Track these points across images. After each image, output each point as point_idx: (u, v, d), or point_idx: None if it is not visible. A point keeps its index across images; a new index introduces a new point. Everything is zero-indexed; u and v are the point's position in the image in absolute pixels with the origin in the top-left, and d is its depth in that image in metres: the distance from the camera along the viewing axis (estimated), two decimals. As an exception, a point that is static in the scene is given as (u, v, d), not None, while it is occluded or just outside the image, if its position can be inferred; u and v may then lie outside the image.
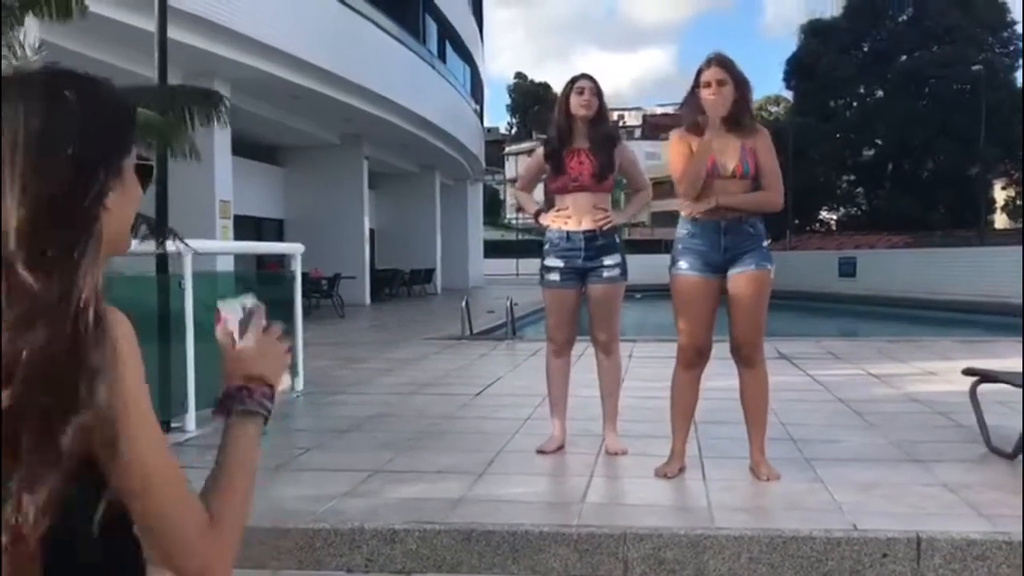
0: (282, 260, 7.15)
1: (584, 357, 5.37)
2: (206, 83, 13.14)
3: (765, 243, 4.15)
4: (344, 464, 4.55)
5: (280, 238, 19.37)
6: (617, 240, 4.76)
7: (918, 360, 8.42)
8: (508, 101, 79.62)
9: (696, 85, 4.09)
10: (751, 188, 4.10)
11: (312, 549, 3.48)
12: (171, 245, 5.32)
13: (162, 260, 5.43)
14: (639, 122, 75.82)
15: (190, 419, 5.37)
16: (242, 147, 16.34)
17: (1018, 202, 42.95)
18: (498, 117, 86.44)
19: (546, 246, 4.74)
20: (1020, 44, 40.38)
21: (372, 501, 3.85)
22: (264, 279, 8.46)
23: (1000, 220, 43.90)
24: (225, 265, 10.20)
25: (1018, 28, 40.65)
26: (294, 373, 6.84)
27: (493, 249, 41.83)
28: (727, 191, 4.04)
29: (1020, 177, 41.29)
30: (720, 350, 4.26)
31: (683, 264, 4.10)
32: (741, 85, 4.09)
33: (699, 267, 4.06)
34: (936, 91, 37.94)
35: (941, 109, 36.61)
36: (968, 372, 4.95)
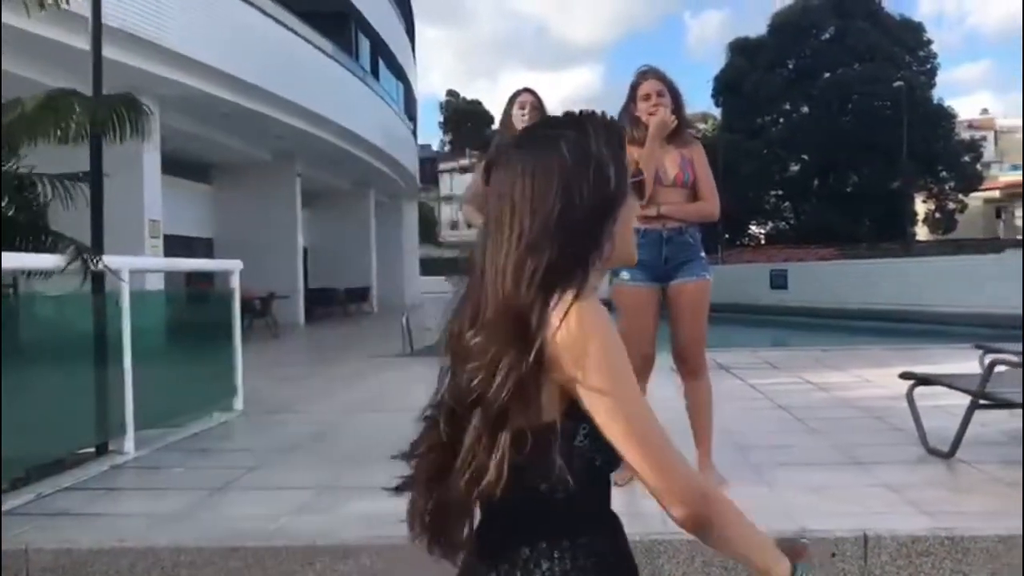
0: (212, 278, 7.01)
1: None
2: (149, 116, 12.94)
3: (703, 253, 4.21)
4: (292, 482, 4.47)
5: (210, 257, 19.04)
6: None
7: (853, 367, 8.62)
8: (441, 119, 79.59)
9: (632, 99, 4.14)
10: (690, 197, 4.17)
11: (263, 567, 3.40)
12: (110, 261, 5.17)
13: (97, 280, 5.28)
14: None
15: (128, 441, 5.23)
16: (171, 165, 16.04)
17: (937, 215, 44.44)
18: (431, 134, 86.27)
19: None
20: (936, 63, 41.91)
21: (324, 517, 3.79)
22: (195, 297, 8.28)
23: (921, 232, 45.31)
24: (155, 284, 10.00)
25: (933, 47, 42.16)
26: (233, 393, 6.73)
27: (429, 267, 41.70)
28: (669, 199, 4.10)
29: (939, 191, 42.78)
30: (662, 360, 4.29)
31: (625, 274, 4.13)
32: (676, 97, 4.17)
33: (642, 277, 4.10)
34: (859, 108, 39.14)
35: (864, 125, 37.76)
36: (905, 376, 5.08)
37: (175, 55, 12.47)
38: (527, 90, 4.74)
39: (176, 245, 16.32)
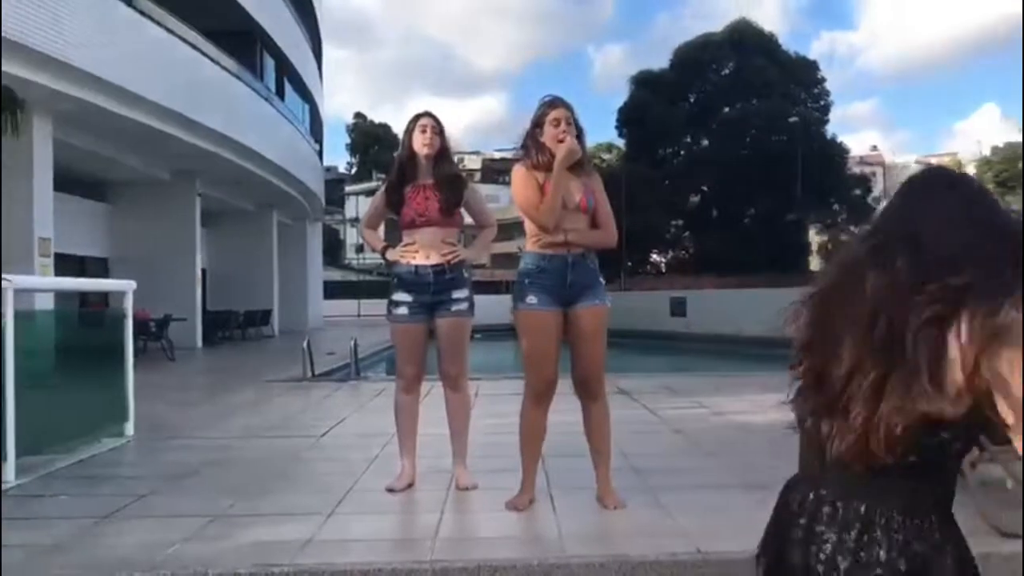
0: (107, 299, 6.77)
1: (430, 395, 5.33)
2: (24, 114, 12.44)
3: (602, 279, 4.28)
4: (183, 510, 4.33)
5: (105, 277, 18.39)
6: (466, 275, 4.79)
7: (748, 393, 8.84)
8: (348, 140, 78.97)
9: (538, 124, 4.20)
10: (591, 223, 4.24)
11: (151, 599, 3.28)
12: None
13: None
14: (479, 165, 76.88)
15: (9, 469, 4.98)
16: (64, 182, 15.47)
17: (830, 246, 46.10)
18: (338, 156, 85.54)
19: (394, 281, 4.72)
20: (829, 100, 43.69)
21: (215, 546, 3.68)
22: (87, 319, 7.98)
23: (815, 263, 46.94)
24: (45, 304, 9.61)
25: (826, 85, 43.95)
26: (124, 418, 6.50)
27: (334, 290, 41.15)
28: (573, 224, 4.16)
29: (831, 223, 44.44)
30: (562, 386, 4.33)
31: (532, 299, 4.16)
32: (580, 129, 4.26)
33: (547, 302, 4.14)
34: (757, 141, 40.46)
35: (761, 158, 39.03)
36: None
37: (71, 68, 12.06)
38: (428, 114, 4.78)
39: (69, 264, 15.75)
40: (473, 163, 76.95)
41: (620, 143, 47.42)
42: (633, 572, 3.40)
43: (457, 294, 4.66)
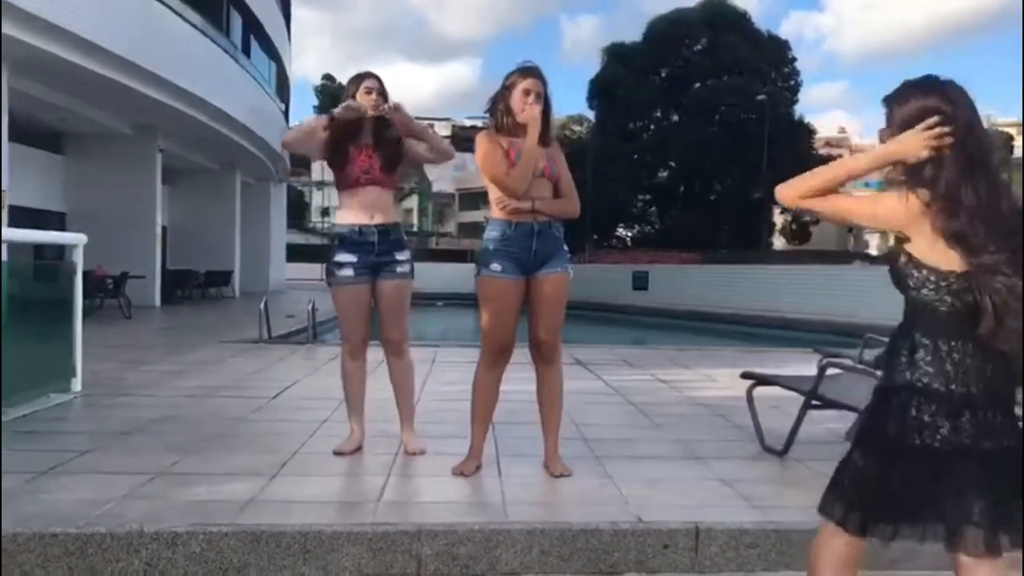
0: (63, 253, 6.64)
1: (381, 360, 5.28)
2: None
3: (565, 247, 4.27)
4: (125, 467, 4.27)
5: (63, 232, 18.08)
6: (405, 237, 4.75)
7: (703, 367, 8.92)
8: (316, 102, 77.97)
9: (507, 88, 4.15)
10: (554, 192, 4.22)
11: (84, 555, 3.24)
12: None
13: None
14: (448, 132, 76.38)
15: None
16: (19, 132, 15.13)
17: (793, 227, 46.52)
18: (304, 116, 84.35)
19: (335, 242, 4.64)
20: (799, 80, 43.85)
21: (154, 504, 3.63)
22: (37, 273, 7.82)
23: (779, 242, 47.38)
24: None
25: (796, 65, 44.10)
26: (71, 373, 6.40)
27: (297, 253, 40.80)
28: (539, 192, 4.13)
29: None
30: (518, 355, 4.32)
31: (496, 266, 4.13)
32: (548, 102, 4.21)
33: (511, 269, 4.12)
34: (726, 119, 40.57)
35: (729, 136, 39.18)
36: (745, 376, 5.28)
37: (26, 14, 11.72)
38: (372, 75, 4.67)
39: (23, 217, 15.42)
40: (444, 130, 76.44)
41: (590, 115, 47.33)
42: (574, 540, 3.41)
43: (400, 256, 4.61)
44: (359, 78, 4.66)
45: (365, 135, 4.60)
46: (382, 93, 4.62)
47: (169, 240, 23.76)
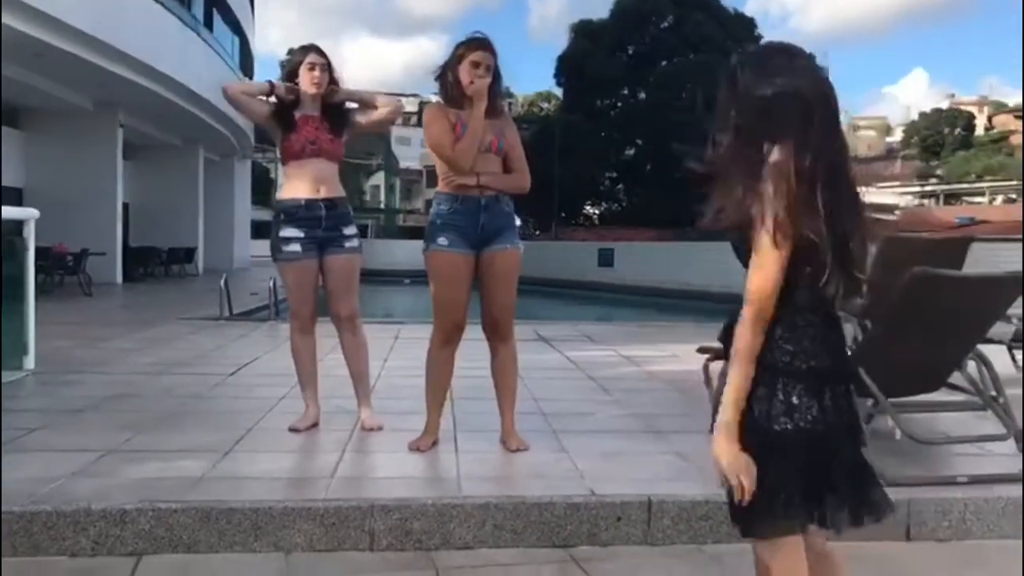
0: (20, 229, 6.51)
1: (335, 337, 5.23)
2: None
3: (517, 222, 4.25)
4: (75, 444, 4.21)
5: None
6: (351, 212, 4.71)
7: (664, 343, 8.95)
8: (281, 77, 76.95)
9: (456, 60, 4.10)
10: (502, 166, 4.19)
11: (29, 534, 3.18)
12: None
13: None
14: (415, 108, 75.82)
15: None
16: (-26, 106, 14.81)
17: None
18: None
19: (280, 217, 4.57)
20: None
21: (103, 481, 3.58)
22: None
23: (745, 219, 47.68)
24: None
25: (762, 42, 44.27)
26: (23, 351, 6.30)
27: (263, 230, 40.34)
28: (486, 166, 4.10)
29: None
30: (474, 331, 4.30)
31: (443, 240, 4.10)
32: (497, 73, 4.17)
33: (458, 243, 4.09)
34: (692, 96, 40.58)
35: (695, 113, 39.21)
36: (701, 350, 5.30)
37: (-21, -14, 11.45)
38: (315, 49, 4.60)
39: (-22, 193, 15.10)
40: (411, 106, 75.85)
41: (558, 92, 47.21)
42: (527, 513, 3.41)
43: (347, 230, 4.58)
44: (304, 50, 4.60)
45: (309, 108, 4.55)
46: (326, 69, 4.56)
47: (131, 217, 23.44)
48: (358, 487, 3.66)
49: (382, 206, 66.66)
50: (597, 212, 47.89)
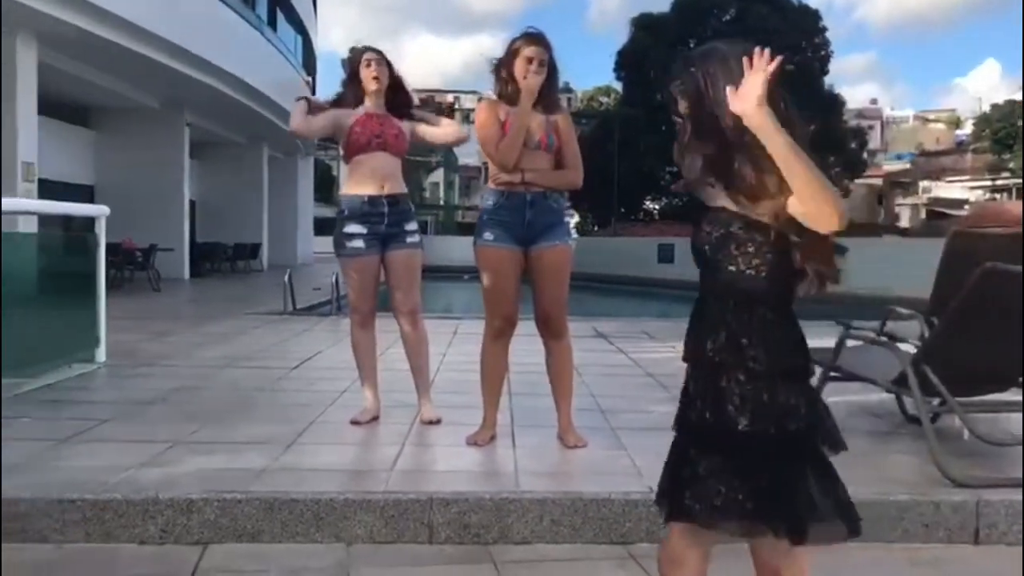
0: (93, 226, 6.70)
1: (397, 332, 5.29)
2: (8, 36, 12.23)
3: (566, 218, 4.23)
4: (143, 435, 4.32)
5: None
6: (413, 208, 4.75)
7: (725, 340, 8.84)
8: (343, 75, 77.82)
9: (511, 55, 4.11)
10: (553, 163, 4.17)
11: (101, 521, 3.29)
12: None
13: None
14: (474, 105, 76.07)
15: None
16: (49, 107, 15.27)
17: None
18: (332, 91, 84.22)
19: (343, 213, 4.62)
20: (829, 50, 43.23)
21: (170, 471, 3.68)
22: (56, 243, 7.91)
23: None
24: (27, 227, 9.54)
25: (827, 35, 43.45)
26: (95, 344, 6.48)
27: (325, 226, 40.93)
28: (533, 163, 4.10)
29: (826, 175, 44.20)
30: (530, 326, 4.31)
31: (488, 235, 4.14)
32: (553, 68, 4.17)
33: (504, 238, 4.11)
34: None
35: (758, 107, 38.61)
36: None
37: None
38: (372, 49, 4.67)
39: (54, 191, 15.59)
40: (470, 103, 76.17)
41: (618, 87, 46.87)
42: (585, 509, 3.41)
43: (409, 226, 4.62)
44: (360, 52, 4.66)
45: (373, 104, 4.60)
46: (383, 63, 4.62)
47: (198, 213, 23.94)
48: (417, 480, 3.69)
49: (441, 203, 67.04)
50: (657, 207, 47.43)
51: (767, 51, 1.82)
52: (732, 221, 1.88)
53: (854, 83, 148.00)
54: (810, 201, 1.73)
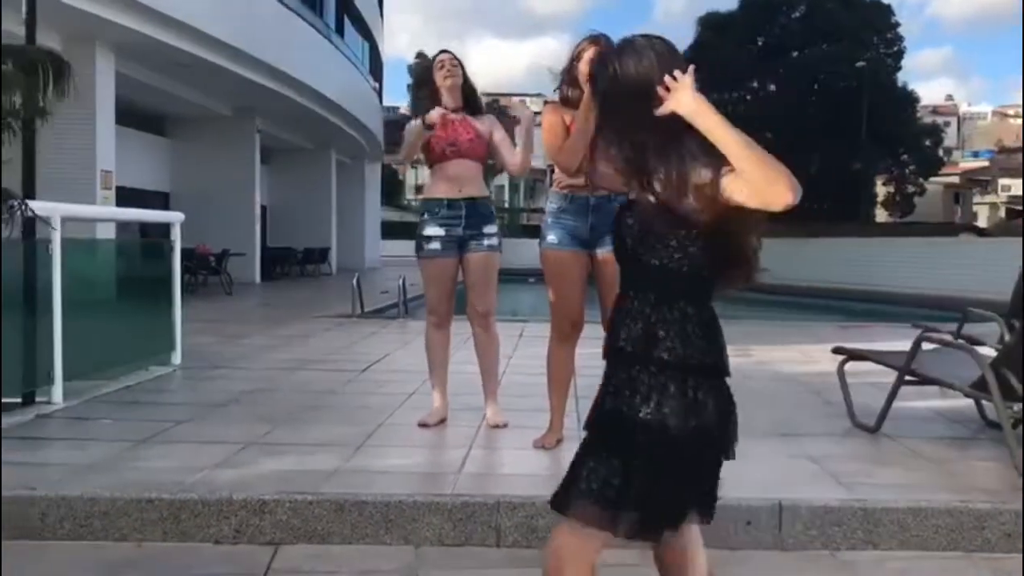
0: (168, 232, 6.88)
1: (466, 334, 5.32)
2: (87, 48, 12.62)
3: None
4: (217, 437, 4.42)
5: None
6: (493, 211, 4.77)
7: (797, 343, 8.71)
8: (409, 81, 78.68)
9: (576, 58, 4.10)
10: None
11: (177, 520, 3.37)
12: (40, 208, 5.03)
13: (29, 226, 5.16)
14: (539, 108, 76.09)
15: (57, 391, 5.14)
16: (126, 116, 15.71)
17: (897, 198, 44.91)
18: (399, 96, 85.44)
19: (424, 216, 4.67)
20: (902, 46, 42.18)
21: (244, 472, 3.76)
22: (134, 248, 8.13)
23: (881, 214, 45.83)
24: (106, 234, 9.84)
25: (900, 30, 42.42)
26: (171, 347, 6.65)
27: (392, 230, 41.37)
28: (601, 166, 4.07)
29: (900, 174, 43.16)
30: (597, 328, 4.28)
31: (552, 238, 4.14)
32: None
33: (568, 241, 4.10)
34: (824, 87, 39.28)
35: (828, 105, 37.92)
36: (836, 351, 5.14)
37: (134, 3, 12.15)
38: (444, 51, 4.74)
39: (131, 198, 16.04)
40: (535, 106, 76.24)
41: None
42: (653, 514, 3.38)
43: (488, 229, 4.63)
44: (434, 57, 4.74)
45: (449, 106, 4.61)
46: (456, 62, 4.66)
47: (268, 218, 24.39)
48: (485, 483, 3.71)
49: (507, 205, 67.19)
50: (726, 208, 46.87)
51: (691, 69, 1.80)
52: (655, 214, 1.84)
53: (928, 79, 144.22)
54: (760, 179, 1.69)
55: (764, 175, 1.68)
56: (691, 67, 1.79)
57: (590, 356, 4.40)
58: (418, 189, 72.56)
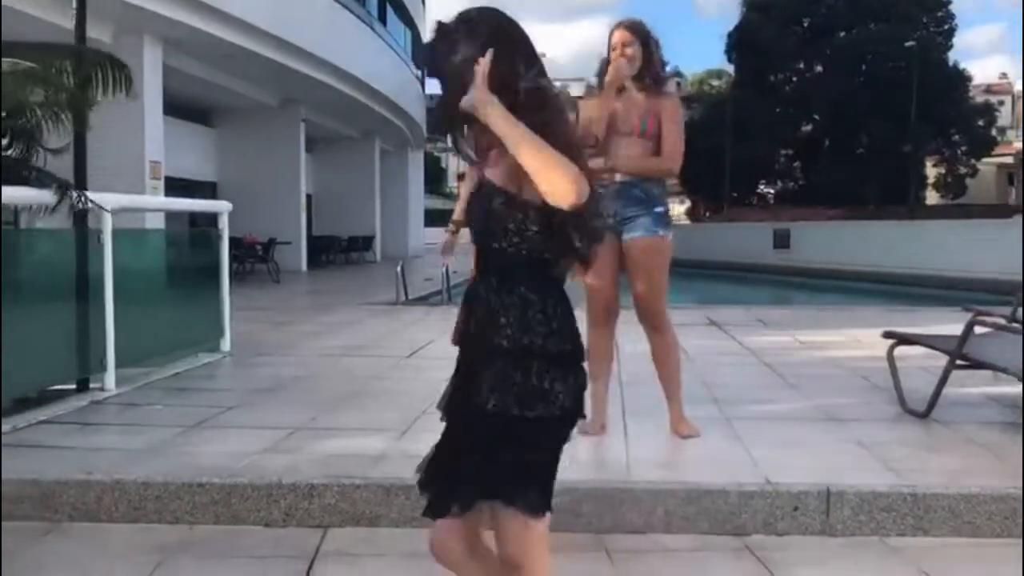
0: (216, 221, 6.98)
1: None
2: (135, 41, 12.82)
3: (659, 208, 4.10)
4: (266, 422, 4.49)
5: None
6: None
7: (845, 328, 8.59)
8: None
9: (609, 45, 4.08)
10: (652, 149, 4.07)
11: (228, 504, 3.43)
12: (92, 198, 5.14)
13: (80, 216, 5.27)
14: (582, 92, 75.67)
15: (110, 378, 5.25)
16: (173, 107, 15.94)
17: (948, 179, 43.98)
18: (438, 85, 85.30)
19: None
20: (953, 24, 41.24)
21: (292, 457, 3.81)
22: (183, 238, 8.25)
23: (931, 196, 44.94)
24: (155, 224, 9.99)
25: (951, 8, 41.45)
26: (220, 334, 6.75)
27: (436, 217, 41.56)
28: (624, 150, 4.03)
29: (951, 155, 42.24)
30: (631, 314, 4.26)
31: None
32: (647, 44, 4.07)
33: None
34: (872, 68, 38.58)
35: (876, 86, 37.23)
36: (886, 335, 5.06)
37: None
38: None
39: (179, 188, 16.29)
40: (577, 90, 75.75)
41: (730, 69, 45.87)
42: (699, 500, 3.37)
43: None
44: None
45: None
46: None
47: (313, 207, 24.61)
48: (530, 468, 3.71)
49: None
50: (772, 191, 46.26)
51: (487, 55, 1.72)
52: (495, 196, 1.80)
53: (981, 57, 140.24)
54: (542, 179, 1.62)
55: (544, 173, 1.62)
56: (489, 51, 1.73)
57: (634, 341, 4.40)
58: (460, 176, 72.52)
